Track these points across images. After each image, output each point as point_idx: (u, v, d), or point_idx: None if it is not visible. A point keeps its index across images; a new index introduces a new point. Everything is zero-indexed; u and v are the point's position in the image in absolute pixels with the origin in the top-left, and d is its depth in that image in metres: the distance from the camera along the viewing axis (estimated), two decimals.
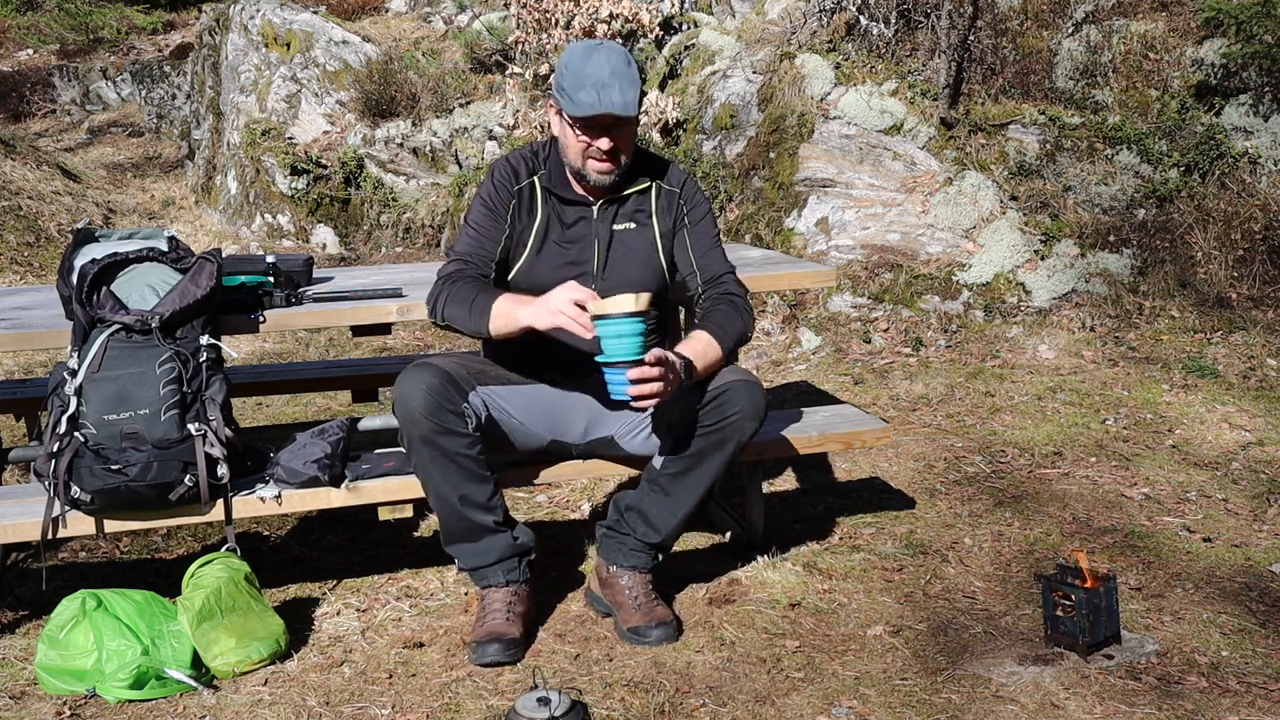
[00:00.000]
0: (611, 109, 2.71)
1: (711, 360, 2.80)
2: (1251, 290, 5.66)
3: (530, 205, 2.92)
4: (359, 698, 2.66)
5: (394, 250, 8.01)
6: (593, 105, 2.71)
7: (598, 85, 2.71)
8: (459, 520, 2.84)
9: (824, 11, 7.11)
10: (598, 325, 2.61)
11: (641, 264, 2.94)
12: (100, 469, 2.77)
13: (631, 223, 2.95)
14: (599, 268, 2.91)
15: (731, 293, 2.94)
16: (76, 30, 13.11)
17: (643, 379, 2.57)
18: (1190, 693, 2.60)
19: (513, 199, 2.90)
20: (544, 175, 2.92)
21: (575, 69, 2.74)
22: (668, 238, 2.97)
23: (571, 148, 2.83)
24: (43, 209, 8.41)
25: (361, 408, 4.56)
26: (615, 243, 2.93)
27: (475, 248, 2.89)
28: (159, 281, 2.96)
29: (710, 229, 3.01)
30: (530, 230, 2.91)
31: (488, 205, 2.91)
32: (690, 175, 3.05)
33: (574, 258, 2.91)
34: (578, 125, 2.78)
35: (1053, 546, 3.43)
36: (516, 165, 2.94)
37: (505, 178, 2.92)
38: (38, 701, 2.68)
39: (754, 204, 6.50)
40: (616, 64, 2.73)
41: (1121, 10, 6.88)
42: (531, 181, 2.92)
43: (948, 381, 5.14)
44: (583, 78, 2.72)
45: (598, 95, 2.70)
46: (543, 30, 7.77)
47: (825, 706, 2.57)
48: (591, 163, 2.82)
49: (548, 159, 2.95)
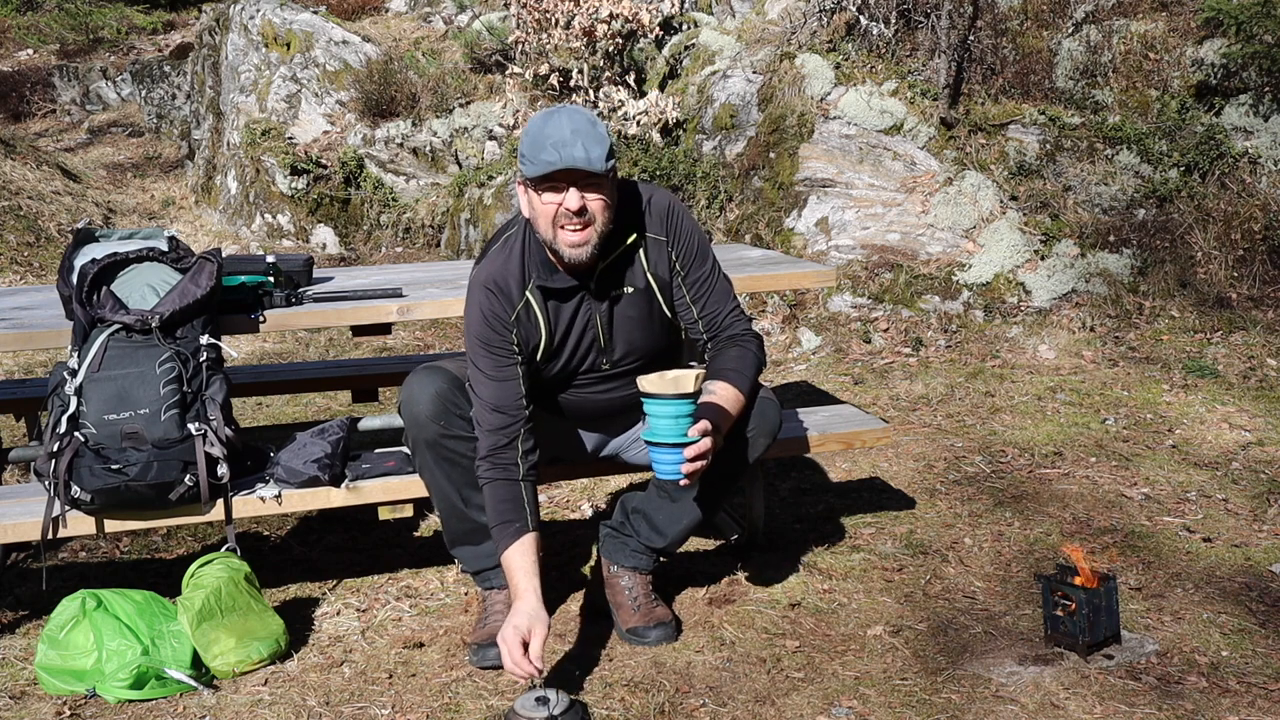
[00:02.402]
0: (574, 163, 2.52)
1: (736, 410, 2.73)
2: (1251, 290, 5.66)
3: (531, 318, 2.74)
4: (359, 698, 2.66)
5: (394, 250, 8.01)
6: (553, 163, 2.53)
7: (558, 144, 2.52)
8: (462, 523, 2.84)
9: (824, 11, 7.11)
10: (648, 404, 2.53)
11: (645, 326, 2.83)
12: (100, 469, 2.77)
13: (628, 286, 2.78)
14: (607, 341, 2.81)
15: (736, 335, 2.83)
16: (76, 30, 13.10)
17: (699, 457, 2.52)
18: (1190, 693, 2.60)
19: (512, 330, 2.72)
20: (531, 281, 2.72)
21: (534, 133, 2.57)
22: (666, 290, 2.82)
23: (542, 218, 2.61)
24: (43, 209, 8.41)
25: (361, 408, 4.56)
26: (617, 312, 2.79)
27: (501, 396, 2.70)
28: (159, 281, 2.96)
29: (703, 267, 2.82)
30: (540, 337, 2.76)
31: (492, 352, 2.71)
32: (672, 201, 2.81)
33: (583, 340, 2.80)
34: (541, 187, 2.58)
35: (1053, 546, 3.43)
36: (501, 287, 2.71)
37: (496, 310, 2.71)
38: (38, 701, 2.68)
39: (754, 204, 6.50)
40: (579, 123, 2.56)
41: (1121, 10, 6.88)
42: (524, 300, 2.72)
43: (948, 381, 5.14)
44: (542, 139, 2.55)
45: (559, 153, 2.52)
46: (543, 30, 7.77)
47: (825, 706, 2.57)
48: (563, 233, 2.59)
49: (527, 259, 2.73)
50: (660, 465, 2.56)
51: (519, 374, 2.72)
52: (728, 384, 2.73)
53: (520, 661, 2.45)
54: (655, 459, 2.56)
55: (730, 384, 2.73)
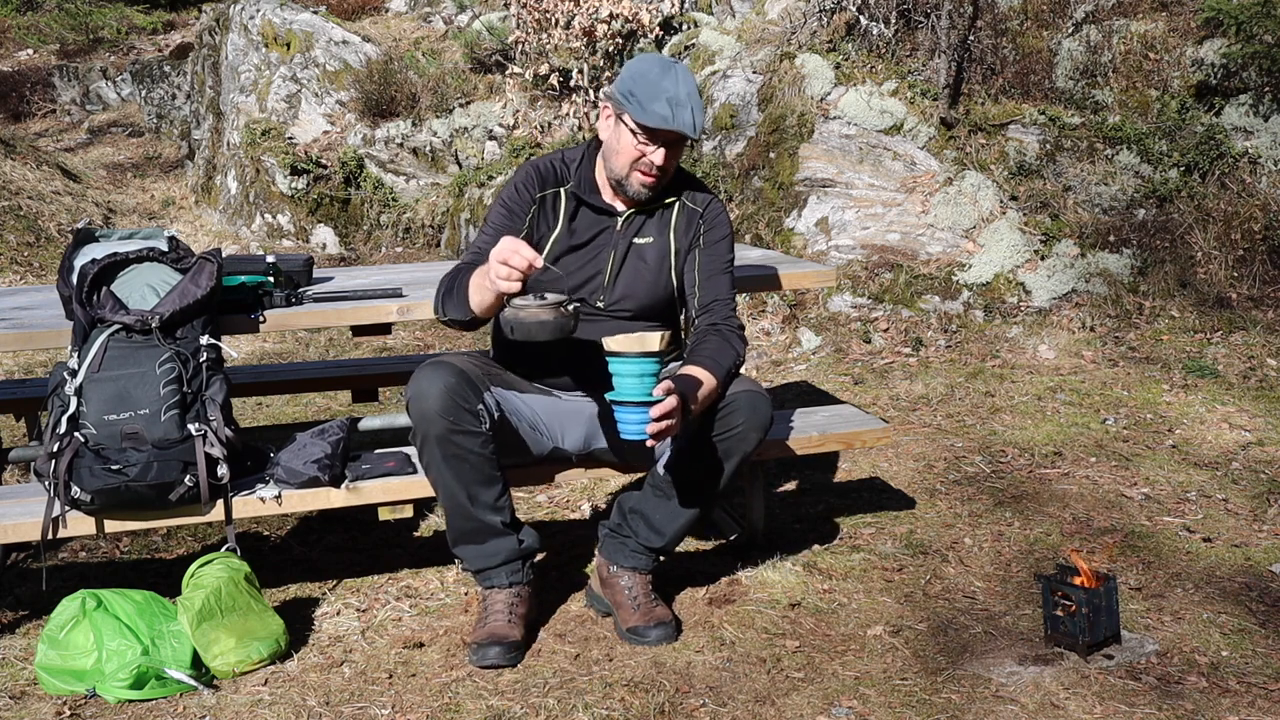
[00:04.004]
0: (683, 128, 2.73)
1: (707, 394, 2.76)
2: (1251, 290, 5.66)
3: (552, 213, 2.91)
4: (359, 698, 2.66)
5: (394, 250, 8.01)
6: (666, 120, 2.71)
7: (673, 102, 2.71)
8: (467, 520, 2.84)
9: (824, 11, 7.11)
10: (613, 364, 2.57)
11: (651, 278, 2.93)
12: (100, 469, 2.77)
13: (651, 236, 2.94)
14: (610, 279, 2.91)
15: (719, 323, 2.90)
16: (76, 30, 13.11)
17: (663, 416, 2.54)
18: (1190, 693, 2.60)
19: (533, 204, 2.89)
20: (572, 184, 2.90)
21: (652, 81, 2.73)
22: (681, 255, 2.95)
23: (623, 154, 2.82)
24: (43, 209, 8.41)
25: (361, 408, 4.56)
26: (631, 255, 2.92)
27: (488, 244, 2.83)
28: (159, 281, 2.96)
29: (724, 254, 2.97)
30: (549, 239, 2.90)
31: (506, 206, 2.89)
32: (717, 198, 3.02)
33: (588, 267, 2.90)
34: (641, 134, 2.77)
35: (1053, 546, 3.43)
36: (544, 172, 2.92)
37: (528, 182, 2.90)
38: (38, 701, 2.68)
39: (754, 204, 6.50)
40: (691, 88, 2.76)
41: (1121, 10, 6.88)
42: (556, 190, 2.91)
43: (948, 381, 5.14)
44: (659, 90, 2.72)
45: (672, 111, 2.71)
46: (543, 30, 7.77)
47: (825, 706, 2.57)
48: (638, 175, 2.82)
49: (579, 167, 2.93)
50: (625, 425, 2.57)
51: None
52: (701, 369, 2.77)
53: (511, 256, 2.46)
54: (620, 419, 2.57)
55: (704, 369, 2.77)
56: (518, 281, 2.50)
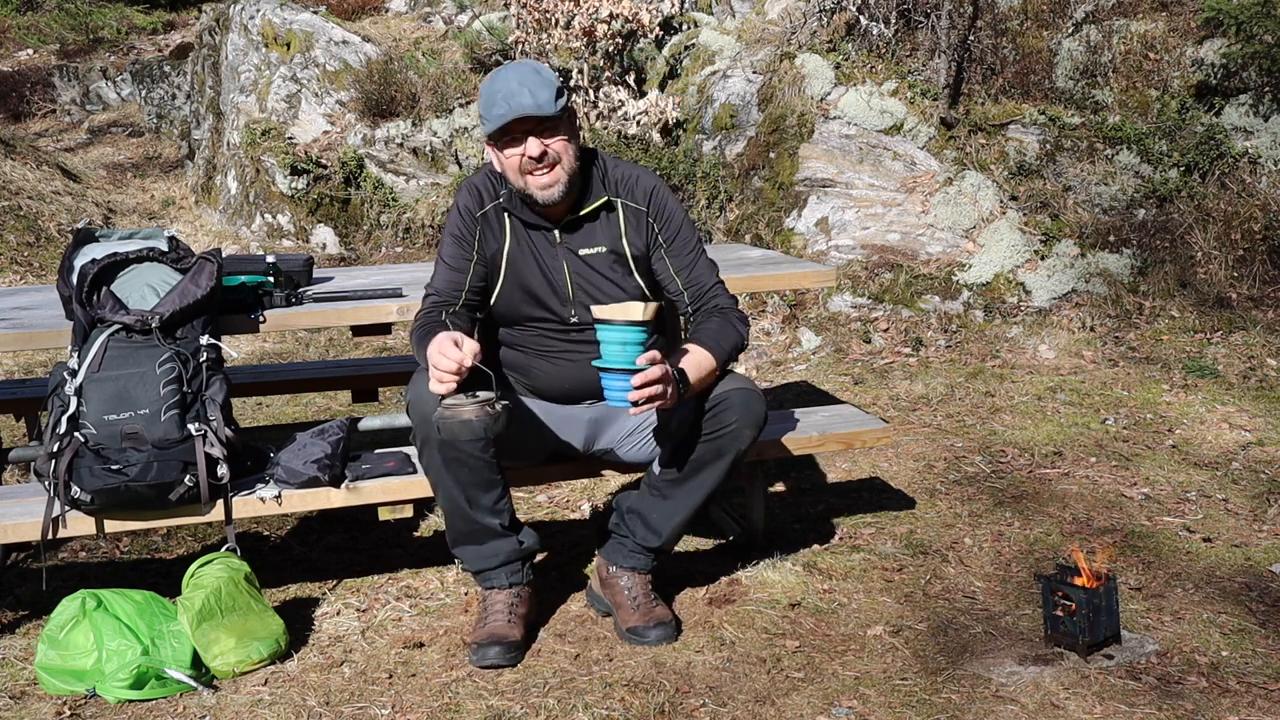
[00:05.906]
0: (524, 110, 2.68)
1: (706, 372, 2.77)
2: (1251, 290, 5.66)
3: (497, 229, 2.88)
4: (359, 698, 2.66)
5: (394, 250, 8.00)
6: (504, 115, 2.70)
7: (506, 95, 2.70)
8: (466, 522, 2.84)
9: (824, 11, 7.11)
10: (599, 331, 2.61)
11: (614, 290, 2.88)
12: (100, 469, 2.77)
13: (600, 246, 2.88)
14: (570, 293, 2.88)
15: (721, 305, 2.90)
16: (76, 30, 13.10)
17: (645, 384, 2.56)
18: (1190, 693, 2.60)
19: (477, 225, 2.86)
20: (505, 196, 2.87)
21: (486, 92, 2.75)
22: (643, 260, 2.91)
23: (509, 171, 2.79)
24: (43, 209, 8.41)
25: (361, 408, 4.56)
26: (582, 267, 2.87)
27: (446, 282, 2.86)
28: (159, 281, 2.96)
29: (688, 241, 2.92)
30: (501, 255, 2.87)
31: (454, 235, 2.87)
32: (658, 183, 2.94)
33: (545, 284, 2.88)
34: (500, 143, 2.76)
35: (1053, 546, 3.43)
36: (481, 188, 2.89)
37: (468, 204, 2.88)
38: (38, 701, 2.68)
39: (754, 204, 6.50)
40: (523, 73, 2.73)
41: (1121, 10, 6.87)
42: (496, 204, 2.88)
43: (948, 381, 5.14)
44: (492, 96, 2.73)
45: (508, 103, 2.70)
46: (543, 30, 7.77)
47: (825, 706, 2.57)
48: (530, 179, 2.76)
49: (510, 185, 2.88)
50: (609, 392, 2.62)
51: (469, 271, 2.85)
52: (701, 347, 2.78)
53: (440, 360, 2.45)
54: (605, 385, 2.62)
55: (704, 348, 2.78)
56: (451, 383, 2.48)
